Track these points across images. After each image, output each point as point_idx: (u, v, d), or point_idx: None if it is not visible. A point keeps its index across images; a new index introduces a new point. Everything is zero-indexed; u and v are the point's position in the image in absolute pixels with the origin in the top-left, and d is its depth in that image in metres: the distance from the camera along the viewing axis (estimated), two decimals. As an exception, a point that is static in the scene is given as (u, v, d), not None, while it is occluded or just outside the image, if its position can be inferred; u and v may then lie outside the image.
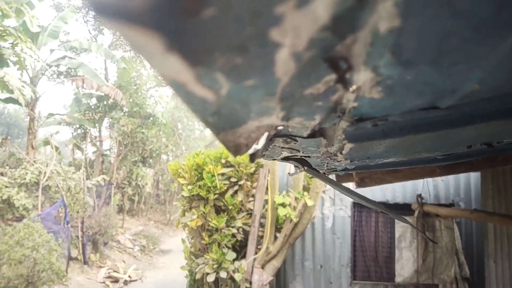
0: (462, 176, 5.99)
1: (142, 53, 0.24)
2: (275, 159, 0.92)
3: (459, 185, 6.02)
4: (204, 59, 0.26)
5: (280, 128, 0.57)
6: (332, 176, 3.13)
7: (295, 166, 1.15)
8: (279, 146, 0.76)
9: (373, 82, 0.41)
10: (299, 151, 0.77)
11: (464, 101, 0.49)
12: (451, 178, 6.00)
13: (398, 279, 5.41)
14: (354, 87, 0.42)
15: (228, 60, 0.28)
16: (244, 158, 5.36)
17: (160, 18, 0.21)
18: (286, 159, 0.91)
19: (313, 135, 0.62)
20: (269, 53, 0.28)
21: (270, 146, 0.77)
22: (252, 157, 0.55)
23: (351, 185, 3.39)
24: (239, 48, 0.27)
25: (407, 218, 5.43)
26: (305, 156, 0.91)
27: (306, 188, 5.38)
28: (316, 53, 0.31)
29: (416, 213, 5.37)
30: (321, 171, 1.31)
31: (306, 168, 0.94)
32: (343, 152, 0.69)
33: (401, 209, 5.83)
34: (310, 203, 5.08)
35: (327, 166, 1.11)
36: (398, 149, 0.76)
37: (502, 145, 0.99)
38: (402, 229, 5.42)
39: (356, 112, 0.51)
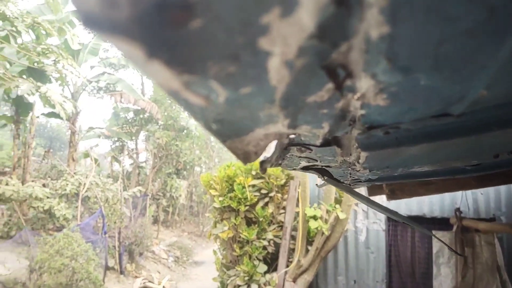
0: (503, 190, 5.72)
1: (129, 60, 0.26)
2: (295, 169, 0.92)
3: (500, 199, 5.75)
4: (193, 67, 0.27)
5: (292, 136, 0.58)
6: (363, 189, 3.07)
7: (327, 182, 1.15)
8: (296, 156, 0.77)
9: (376, 89, 0.41)
10: (316, 160, 0.77)
11: (476, 108, 0.48)
12: (491, 191, 5.74)
13: (436, 296, 5.20)
14: (358, 94, 0.42)
15: (222, 68, 0.29)
16: (274, 170, 5.36)
17: (141, 29, 0.22)
18: (306, 169, 0.91)
19: (326, 143, 0.62)
20: (261, 61, 0.30)
21: (288, 156, 0.78)
22: (263, 165, 0.56)
23: (382, 198, 3.31)
24: (231, 57, 0.28)
25: (446, 233, 5.23)
26: (326, 166, 0.91)
27: (338, 201, 5.30)
28: (310, 61, 0.32)
29: (454, 228, 5.16)
30: (345, 182, 1.30)
31: (326, 178, 0.94)
32: (360, 161, 0.68)
33: (439, 223, 5.62)
34: (342, 216, 4.99)
35: (350, 176, 1.10)
36: (417, 159, 0.75)
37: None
38: (440, 244, 5.21)
39: (366, 120, 0.51)
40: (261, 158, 0.52)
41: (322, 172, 0.97)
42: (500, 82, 0.41)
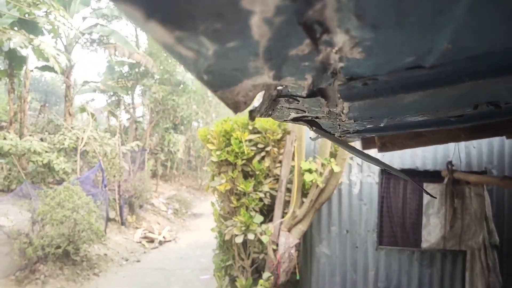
0: (496, 143, 5.82)
1: (132, 21, 0.30)
2: (286, 120, 0.97)
3: (492, 152, 5.87)
4: (184, 25, 0.32)
5: (280, 88, 0.63)
6: (358, 142, 3.14)
7: (317, 133, 1.20)
8: (285, 107, 0.81)
9: (352, 44, 0.45)
10: (304, 111, 0.82)
11: (446, 61, 0.53)
12: (484, 145, 5.85)
13: (424, 245, 5.44)
14: (336, 48, 0.47)
15: (209, 25, 0.33)
16: (271, 125, 5.42)
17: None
18: (296, 120, 0.96)
19: (312, 94, 0.67)
20: (244, 18, 0.34)
21: (278, 107, 0.83)
22: (252, 114, 0.61)
23: (374, 151, 3.39)
24: (217, 15, 0.33)
25: (437, 185, 5.39)
26: (315, 117, 0.96)
27: (333, 155, 5.41)
28: (288, 18, 0.36)
29: (445, 180, 5.31)
30: (335, 134, 1.36)
31: (315, 128, 0.99)
32: (344, 111, 0.73)
33: (431, 176, 5.77)
34: (336, 169, 5.12)
35: (340, 128, 1.15)
36: (398, 109, 0.80)
37: (510, 106, 1.01)
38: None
39: (346, 72, 0.56)
40: (250, 107, 0.57)
41: (312, 123, 1.02)
42: (463, 37, 0.45)
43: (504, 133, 2.49)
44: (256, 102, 0.58)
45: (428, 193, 1.46)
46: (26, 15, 10.24)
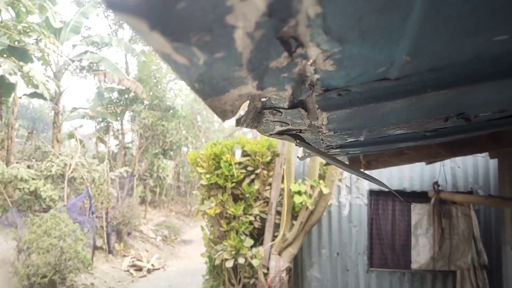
0: (480, 164, 5.96)
1: (137, 33, 0.36)
2: (271, 134, 1.03)
3: (477, 173, 6.00)
4: (180, 36, 0.38)
5: (263, 99, 0.69)
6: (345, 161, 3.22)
7: (303, 151, 1.26)
8: (270, 120, 0.88)
9: (324, 57, 0.52)
10: (288, 124, 0.89)
11: (409, 72, 0.60)
12: (469, 166, 5.99)
13: (414, 265, 5.47)
14: (310, 61, 0.54)
15: (200, 37, 0.40)
16: (260, 147, 5.49)
17: (145, 10, 0.33)
18: (281, 133, 1.02)
19: (293, 106, 0.73)
20: (229, 32, 0.40)
21: (263, 120, 0.89)
22: (238, 123, 0.67)
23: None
24: (206, 29, 0.39)
25: (424, 205, 5.47)
26: (298, 131, 1.03)
27: (321, 177, 5.48)
28: (267, 33, 0.43)
29: (432, 200, 5.40)
30: (321, 149, 1.43)
31: (298, 141, 1.05)
32: (324, 123, 0.80)
33: (419, 197, 5.86)
34: (325, 191, 5.17)
35: (323, 142, 1.22)
36: (373, 120, 0.87)
37: (481, 120, 1.09)
38: (419, 216, 5.46)
39: (322, 84, 0.63)
40: (237, 116, 0.63)
41: (296, 137, 1.08)
42: (421, 50, 0.52)
43: (482, 150, 2.59)
44: (242, 111, 0.64)
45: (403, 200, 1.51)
46: (16, 43, 10.32)
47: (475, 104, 0.86)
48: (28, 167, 12.57)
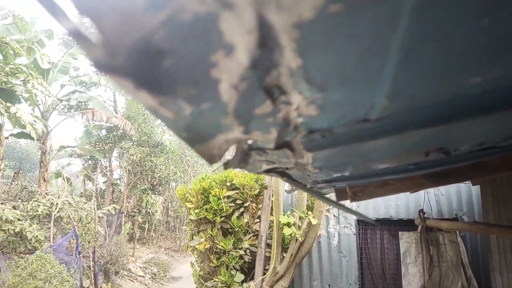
0: (463, 191, 6.04)
1: (123, 90, 0.38)
2: (259, 172, 1.05)
3: (461, 200, 6.07)
4: (166, 91, 0.40)
5: (250, 142, 0.71)
6: (333, 194, 3.23)
7: (290, 184, 1.28)
8: (257, 160, 0.89)
9: (306, 102, 0.54)
10: (274, 162, 0.90)
11: (388, 114, 0.62)
12: (452, 192, 6.06)
13: (407, 295, 5.39)
14: (294, 106, 0.56)
15: (186, 91, 0.42)
16: (248, 180, 5.48)
17: (131, 70, 0.35)
18: (268, 171, 1.04)
19: (279, 147, 0.75)
20: (214, 85, 0.42)
21: (250, 160, 0.91)
22: (226, 166, 0.69)
23: (347, 201, 3.48)
24: (192, 83, 0.41)
25: (412, 233, 5.46)
26: (284, 168, 1.04)
27: (310, 207, 5.47)
28: (251, 84, 0.45)
29: (419, 228, 5.40)
30: (307, 185, 1.44)
31: (285, 178, 1.07)
32: (309, 161, 0.82)
33: (405, 225, 5.88)
34: (314, 221, 5.15)
35: (309, 178, 1.23)
36: (356, 158, 0.89)
37: (461, 153, 1.12)
38: (407, 244, 5.44)
39: (306, 126, 0.65)
40: (224, 160, 0.65)
41: (283, 174, 1.10)
42: (399, 93, 0.55)
43: (465, 179, 2.62)
44: (229, 155, 0.65)
45: (370, 220, 1.52)
46: (4, 84, 10.32)
47: (454, 139, 0.89)
48: (14, 207, 12.29)
